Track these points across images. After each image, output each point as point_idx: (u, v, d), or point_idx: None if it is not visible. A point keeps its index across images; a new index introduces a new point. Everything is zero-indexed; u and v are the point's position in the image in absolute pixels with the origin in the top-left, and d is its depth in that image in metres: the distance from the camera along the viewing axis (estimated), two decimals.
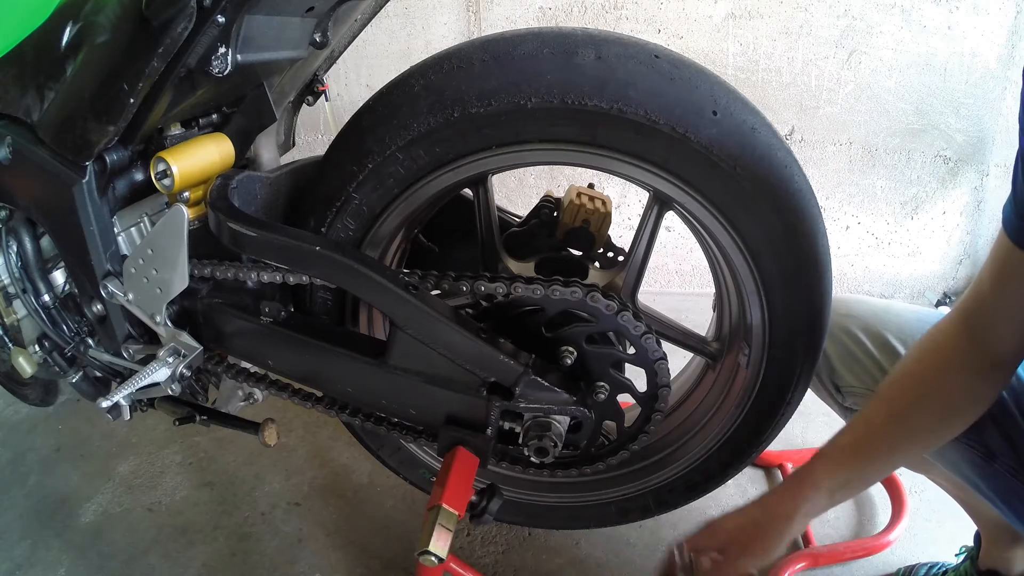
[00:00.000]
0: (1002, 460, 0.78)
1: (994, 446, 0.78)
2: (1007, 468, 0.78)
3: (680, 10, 1.74)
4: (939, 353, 0.75)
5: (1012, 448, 0.77)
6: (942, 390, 0.74)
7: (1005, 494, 0.79)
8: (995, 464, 0.79)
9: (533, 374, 0.77)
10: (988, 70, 1.72)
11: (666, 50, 0.75)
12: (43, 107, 0.79)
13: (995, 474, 0.79)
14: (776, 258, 0.77)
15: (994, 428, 0.78)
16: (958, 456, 0.81)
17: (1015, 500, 0.78)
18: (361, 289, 0.77)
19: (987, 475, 0.80)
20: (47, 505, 1.28)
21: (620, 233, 1.50)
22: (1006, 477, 0.78)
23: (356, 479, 1.32)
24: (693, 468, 0.99)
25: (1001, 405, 0.78)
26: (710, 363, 1.01)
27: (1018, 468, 0.77)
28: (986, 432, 0.79)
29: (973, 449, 0.80)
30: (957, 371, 0.73)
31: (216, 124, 0.88)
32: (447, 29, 1.83)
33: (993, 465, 0.79)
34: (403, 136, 0.75)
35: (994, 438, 0.78)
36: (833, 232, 0.88)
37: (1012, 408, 0.78)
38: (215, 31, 0.67)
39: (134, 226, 0.86)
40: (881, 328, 0.92)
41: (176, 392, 0.86)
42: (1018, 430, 0.78)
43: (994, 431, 0.78)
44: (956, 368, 0.73)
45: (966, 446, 0.80)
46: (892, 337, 0.90)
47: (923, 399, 0.75)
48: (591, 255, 0.98)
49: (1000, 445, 0.78)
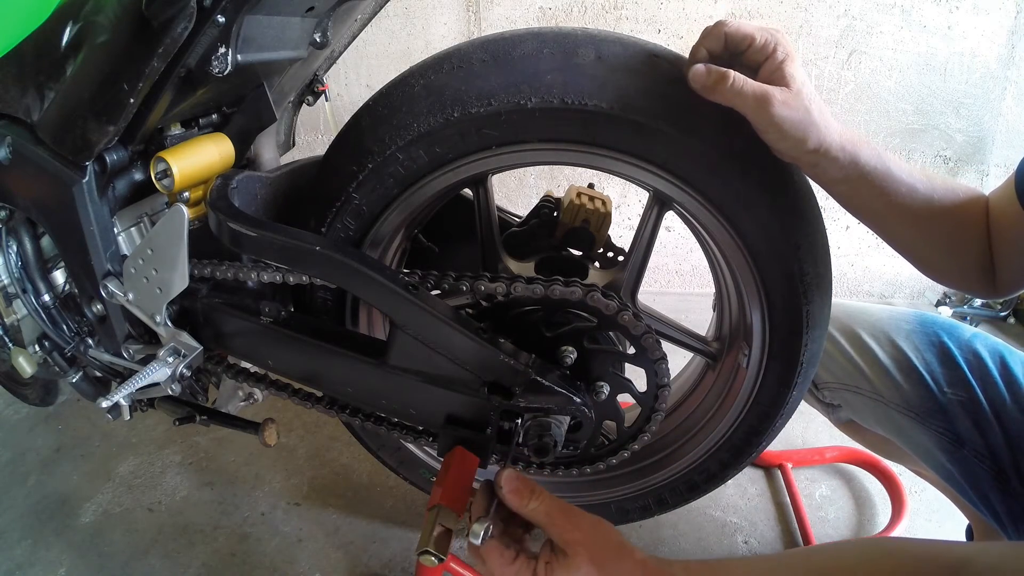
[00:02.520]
0: (970, 446, 0.81)
1: (963, 433, 0.82)
2: (975, 454, 0.81)
3: (680, 10, 1.74)
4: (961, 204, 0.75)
5: (981, 435, 0.81)
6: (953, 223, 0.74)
7: (973, 480, 0.82)
8: (963, 450, 0.82)
9: (533, 374, 0.77)
10: (988, 70, 1.72)
11: (666, 50, 0.75)
12: (43, 107, 0.79)
13: (963, 459, 0.82)
14: (776, 258, 0.77)
15: (964, 415, 0.81)
16: (930, 442, 0.84)
17: (982, 486, 0.82)
18: (361, 289, 0.77)
19: (956, 461, 0.83)
20: (47, 505, 1.28)
21: (620, 233, 1.50)
22: (973, 463, 0.82)
23: (356, 479, 1.32)
24: (693, 468, 0.99)
25: (970, 394, 0.83)
26: (710, 363, 1.01)
27: (985, 454, 0.81)
28: (956, 420, 0.82)
29: (943, 435, 0.84)
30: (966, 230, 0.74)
31: (216, 124, 0.88)
32: (447, 29, 1.83)
33: (962, 451, 0.82)
34: (403, 136, 0.75)
35: (964, 425, 0.82)
36: (833, 232, 0.88)
37: (980, 396, 0.82)
38: (215, 31, 0.66)
39: (134, 226, 0.86)
40: (855, 326, 0.96)
41: (176, 392, 0.86)
42: (986, 418, 0.81)
43: (964, 418, 0.82)
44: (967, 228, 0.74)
45: (936, 432, 0.84)
46: (865, 334, 0.94)
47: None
48: (591, 255, 0.98)
49: (969, 432, 0.82)
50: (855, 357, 0.93)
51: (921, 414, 0.85)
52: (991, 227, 0.74)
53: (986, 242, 0.74)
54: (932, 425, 0.84)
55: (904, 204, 0.71)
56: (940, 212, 0.72)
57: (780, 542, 1.19)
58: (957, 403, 0.82)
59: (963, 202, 0.73)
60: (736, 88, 0.65)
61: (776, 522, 1.24)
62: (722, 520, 1.23)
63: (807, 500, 1.27)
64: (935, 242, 0.74)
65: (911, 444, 0.89)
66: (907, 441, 0.90)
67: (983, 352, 0.85)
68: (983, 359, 0.84)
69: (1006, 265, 0.74)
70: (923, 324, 0.91)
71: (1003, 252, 0.74)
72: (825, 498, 1.29)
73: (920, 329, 0.91)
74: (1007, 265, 0.74)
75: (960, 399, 0.82)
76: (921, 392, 0.86)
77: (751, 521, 1.24)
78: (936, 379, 0.85)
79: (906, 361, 0.88)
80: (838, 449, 1.37)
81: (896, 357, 0.89)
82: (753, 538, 1.20)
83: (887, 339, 0.91)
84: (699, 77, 0.67)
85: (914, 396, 0.86)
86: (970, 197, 0.74)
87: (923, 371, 0.86)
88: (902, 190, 0.71)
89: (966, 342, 0.87)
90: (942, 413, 0.83)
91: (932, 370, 0.86)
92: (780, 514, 1.25)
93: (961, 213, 0.73)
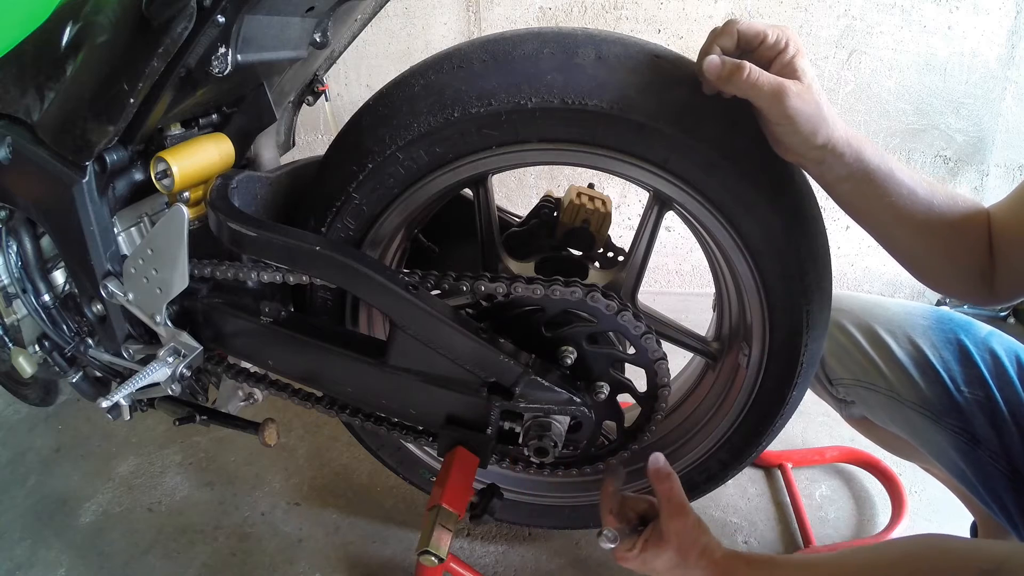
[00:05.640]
0: (985, 446, 0.81)
1: (979, 432, 0.81)
2: (990, 454, 0.81)
3: (680, 10, 1.74)
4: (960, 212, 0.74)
5: (997, 435, 0.80)
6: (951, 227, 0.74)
7: (987, 480, 0.82)
8: (979, 450, 0.82)
9: (533, 374, 0.77)
10: (988, 70, 1.72)
11: (666, 50, 0.75)
12: (43, 107, 0.79)
13: (978, 460, 0.82)
14: (776, 258, 0.77)
15: (980, 415, 0.81)
16: (944, 441, 0.84)
17: (997, 486, 0.81)
18: (361, 289, 0.77)
19: (971, 461, 0.83)
20: (47, 505, 1.28)
21: (620, 233, 1.50)
22: (988, 463, 0.81)
23: (356, 479, 1.32)
24: (693, 468, 0.99)
25: (987, 393, 0.82)
26: (710, 363, 1.01)
27: (1000, 454, 0.80)
28: (973, 419, 0.82)
29: (958, 435, 0.83)
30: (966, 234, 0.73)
31: (216, 124, 0.88)
32: (447, 29, 1.83)
33: (977, 451, 0.82)
34: (403, 136, 0.75)
35: (980, 425, 0.81)
36: (833, 232, 0.88)
37: (997, 396, 0.81)
38: (215, 31, 0.66)
39: (134, 226, 0.86)
40: (871, 321, 0.94)
41: (176, 392, 0.86)
42: (1002, 418, 0.81)
43: (980, 418, 0.81)
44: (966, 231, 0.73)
45: (952, 431, 0.83)
46: (881, 330, 0.93)
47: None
48: (591, 255, 0.98)
49: (985, 432, 0.81)
50: (872, 353, 0.92)
51: (937, 413, 0.84)
52: (995, 235, 0.73)
53: (984, 251, 0.73)
54: (948, 424, 0.83)
55: (905, 207, 0.71)
56: (939, 218, 0.72)
57: (780, 542, 1.19)
58: (974, 402, 0.81)
59: (963, 210, 0.73)
60: (752, 79, 0.65)
61: (776, 522, 1.24)
62: (722, 520, 1.23)
63: (807, 500, 1.27)
64: (933, 247, 0.74)
65: (925, 442, 0.88)
66: (921, 439, 0.89)
67: (1000, 351, 0.84)
68: (1000, 358, 0.83)
69: (1009, 272, 0.74)
70: (940, 321, 0.90)
71: (1009, 261, 0.73)
72: (825, 498, 1.29)
73: (937, 326, 0.89)
74: (1011, 272, 0.74)
75: (977, 398, 0.81)
76: (938, 391, 0.84)
77: (751, 521, 1.24)
78: (953, 377, 0.84)
79: (924, 359, 0.87)
80: (838, 449, 1.36)
81: (914, 354, 0.88)
82: (753, 538, 1.20)
83: (904, 336, 0.90)
84: (714, 68, 0.66)
85: (931, 394, 0.85)
86: (969, 206, 0.73)
87: (940, 369, 0.85)
88: (903, 192, 0.70)
89: (983, 340, 0.86)
90: (958, 412, 0.82)
91: (950, 368, 0.85)
92: (780, 514, 1.25)
93: (960, 220, 0.73)
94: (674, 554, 0.76)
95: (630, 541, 0.80)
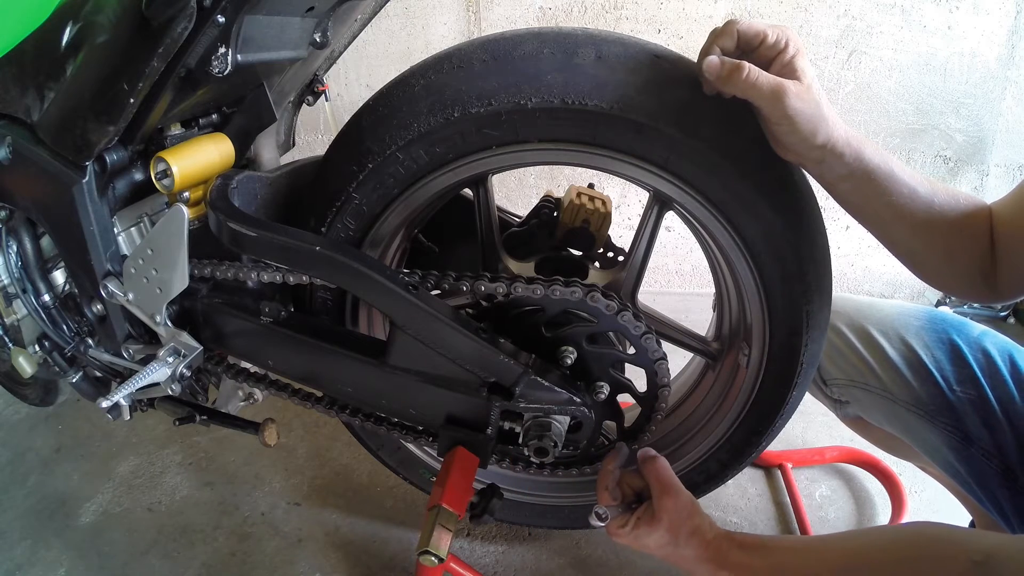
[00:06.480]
0: (978, 445, 0.82)
1: (972, 431, 0.82)
2: (983, 453, 0.82)
3: (680, 10, 1.74)
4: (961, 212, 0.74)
5: (990, 433, 0.81)
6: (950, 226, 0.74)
7: (980, 478, 0.83)
8: (972, 449, 0.82)
9: (533, 374, 0.77)
10: (988, 70, 1.72)
11: (666, 50, 0.75)
12: (43, 107, 0.79)
13: (971, 458, 0.83)
14: (776, 258, 0.77)
15: (973, 414, 0.82)
16: (938, 440, 0.84)
17: (990, 484, 0.82)
18: (361, 289, 0.77)
19: (964, 459, 0.83)
20: (47, 505, 1.28)
21: (620, 233, 1.50)
22: (982, 461, 0.82)
23: (356, 479, 1.32)
24: (693, 468, 0.99)
25: (980, 392, 0.83)
26: (710, 363, 1.01)
27: (994, 453, 0.81)
28: (966, 418, 0.82)
29: (952, 433, 0.84)
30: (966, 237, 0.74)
31: (216, 124, 0.88)
32: (447, 29, 1.83)
33: (970, 449, 0.83)
34: (403, 136, 0.75)
35: (973, 423, 0.82)
36: (833, 232, 0.88)
37: (989, 394, 0.82)
38: (215, 31, 0.66)
39: (134, 226, 0.86)
40: (864, 322, 0.95)
41: (176, 392, 0.86)
42: (995, 416, 0.81)
43: (973, 417, 0.82)
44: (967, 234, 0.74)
45: (945, 430, 0.84)
46: (874, 330, 0.93)
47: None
48: (591, 255, 0.98)
49: (978, 430, 0.82)
50: (865, 353, 0.92)
51: (930, 412, 0.85)
52: (997, 232, 0.73)
53: (986, 249, 0.73)
54: (941, 423, 0.84)
55: (905, 206, 0.71)
56: (940, 216, 0.72)
57: None
58: (967, 401, 0.82)
59: (964, 208, 0.73)
60: (752, 79, 0.65)
61: (776, 522, 1.24)
62: (722, 520, 1.23)
63: (807, 500, 1.27)
64: (934, 246, 0.74)
65: (919, 441, 0.89)
66: (915, 438, 0.89)
67: (992, 350, 0.85)
68: (992, 357, 0.84)
69: (1012, 270, 0.74)
70: (933, 321, 0.91)
71: (1011, 258, 0.73)
72: (825, 498, 1.29)
73: (930, 326, 0.90)
74: (1013, 270, 0.74)
75: (970, 397, 0.82)
76: (931, 390, 0.85)
77: (751, 521, 1.24)
78: (946, 377, 0.85)
79: (916, 358, 0.88)
80: (838, 449, 1.37)
81: (906, 354, 0.89)
82: None
83: (897, 336, 0.91)
84: (713, 68, 0.66)
85: (924, 394, 0.86)
86: (971, 203, 0.73)
87: (933, 369, 0.86)
88: (904, 191, 0.70)
89: (975, 340, 0.87)
90: (951, 411, 0.83)
91: (942, 368, 0.86)
92: (780, 514, 1.25)
93: (961, 219, 0.73)
94: (665, 532, 0.77)
95: (623, 518, 0.80)
